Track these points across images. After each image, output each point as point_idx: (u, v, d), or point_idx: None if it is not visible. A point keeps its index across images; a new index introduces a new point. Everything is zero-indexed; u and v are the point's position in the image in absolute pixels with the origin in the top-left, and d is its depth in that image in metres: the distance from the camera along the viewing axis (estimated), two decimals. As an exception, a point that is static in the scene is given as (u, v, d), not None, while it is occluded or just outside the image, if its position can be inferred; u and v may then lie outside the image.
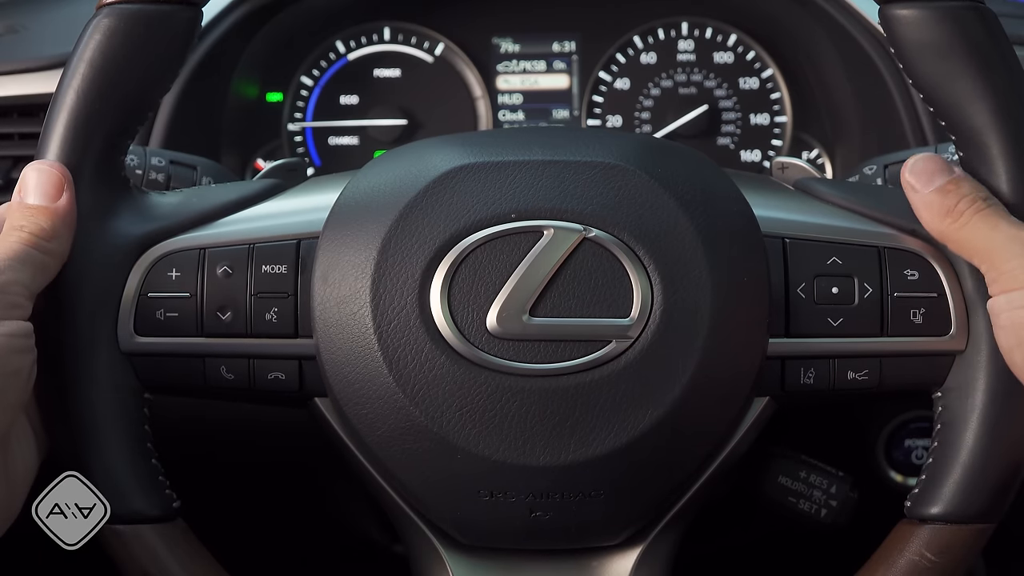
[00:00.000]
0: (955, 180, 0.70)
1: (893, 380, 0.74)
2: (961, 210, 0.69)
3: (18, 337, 0.67)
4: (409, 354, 0.69)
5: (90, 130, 0.71)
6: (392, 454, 0.71)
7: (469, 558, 0.77)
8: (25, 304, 0.67)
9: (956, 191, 0.70)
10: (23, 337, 0.67)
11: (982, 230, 0.69)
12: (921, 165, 0.71)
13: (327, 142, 1.29)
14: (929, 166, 0.71)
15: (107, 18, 0.71)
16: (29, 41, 1.20)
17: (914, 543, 0.72)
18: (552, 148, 0.73)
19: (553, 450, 0.69)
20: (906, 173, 0.72)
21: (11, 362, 0.66)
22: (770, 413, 0.75)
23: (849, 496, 0.83)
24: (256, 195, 0.78)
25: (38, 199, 0.70)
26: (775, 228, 0.74)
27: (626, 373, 0.69)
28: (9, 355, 0.66)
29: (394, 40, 1.29)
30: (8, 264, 0.67)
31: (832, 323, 0.73)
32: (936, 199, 0.70)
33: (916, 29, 0.70)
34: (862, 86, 1.18)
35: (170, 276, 0.73)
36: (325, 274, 0.71)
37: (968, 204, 0.69)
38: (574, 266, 0.69)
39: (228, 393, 0.75)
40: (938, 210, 0.70)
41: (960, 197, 0.70)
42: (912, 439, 1.09)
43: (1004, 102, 0.69)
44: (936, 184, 0.71)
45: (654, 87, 1.28)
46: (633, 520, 0.75)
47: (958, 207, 0.69)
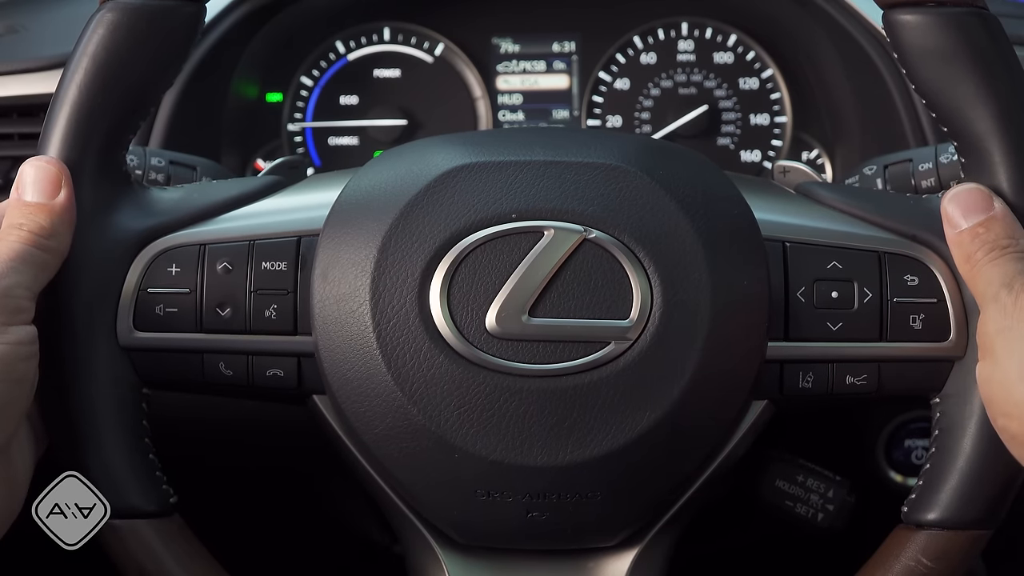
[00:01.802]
0: (987, 222, 0.69)
1: (891, 385, 0.74)
2: (977, 259, 0.69)
3: (24, 344, 0.66)
4: (408, 353, 0.69)
5: (92, 124, 0.71)
6: (390, 452, 0.71)
7: (465, 557, 0.77)
8: (29, 307, 0.67)
9: (984, 234, 0.69)
10: (29, 344, 0.67)
11: (983, 281, 0.68)
12: (962, 198, 0.70)
13: (327, 142, 1.29)
14: (967, 200, 0.70)
15: (110, 12, 0.71)
16: (29, 41, 1.20)
17: (911, 548, 0.72)
18: (553, 148, 0.73)
19: (551, 450, 0.69)
20: (946, 203, 0.71)
21: (17, 370, 0.66)
22: (768, 416, 0.75)
23: (846, 500, 0.83)
24: (257, 192, 0.78)
25: (36, 196, 0.70)
26: (775, 231, 0.74)
27: (625, 375, 0.69)
28: (16, 363, 0.66)
29: (394, 40, 1.29)
30: (10, 266, 0.67)
31: (831, 327, 0.73)
32: (964, 240, 0.70)
33: (919, 34, 0.70)
34: (862, 86, 1.18)
35: (170, 272, 0.73)
36: (325, 272, 0.71)
37: (984, 253, 0.68)
38: (574, 267, 0.69)
39: (226, 389, 0.75)
40: (960, 253, 0.70)
41: (980, 245, 0.69)
42: (912, 439, 1.09)
43: (1006, 108, 0.69)
44: (970, 222, 0.69)
45: (654, 87, 1.28)
46: (630, 521, 0.75)
47: (976, 255, 0.69)
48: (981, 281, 0.68)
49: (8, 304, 0.66)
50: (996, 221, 0.69)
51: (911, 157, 0.96)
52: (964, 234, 0.70)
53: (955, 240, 0.70)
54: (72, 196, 0.70)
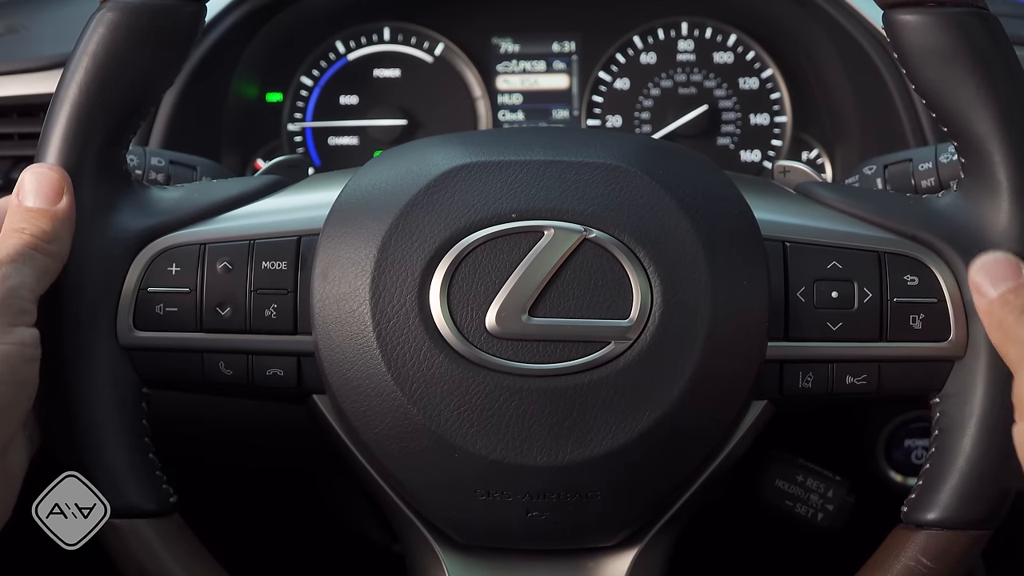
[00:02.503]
0: (1016, 288, 0.67)
1: (892, 385, 0.74)
2: (1009, 324, 0.67)
3: (28, 346, 0.67)
4: (408, 352, 0.69)
5: (92, 123, 0.71)
6: (389, 452, 0.71)
7: (465, 557, 0.77)
8: (32, 309, 0.67)
9: (1014, 301, 0.67)
10: (32, 346, 0.67)
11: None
12: (990, 267, 0.69)
13: (327, 142, 1.29)
14: (995, 269, 0.68)
15: (110, 12, 0.71)
16: (29, 41, 1.20)
17: (910, 548, 0.72)
18: (553, 148, 0.73)
19: (551, 450, 0.69)
20: (974, 273, 0.69)
21: (21, 371, 0.66)
22: (768, 416, 0.75)
23: (845, 500, 0.83)
24: (257, 191, 0.78)
25: (38, 202, 0.70)
26: (776, 231, 0.74)
27: (624, 374, 0.69)
28: (20, 364, 0.66)
29: (394, 40, 1.29)
30: (13, 267, 0.67)
31: (831, 327, 0.73)
32: (995, 309, 0.68)
33: (920, 35, 0.70)
34: (862, 86, 1.18)
35: (170, 271, 0.73)
36: (325, 271, 0.71)
37: (1015, 318, 0.67)
38: (574, 267, 0.69)
39: (226, 389, 0.75)
40: (991, 321, 0.68)
41: (1010, 311, 0.67)
42: (912, 439, 1.09)
43: (1006, 109, 0.69)
44: (999, 290, 0.68)
45: (654, 87, 1.28)
46: (630, 521, 0.75)
47: (1007, 320, 0.67)
48: (1014, 347, 0.66)
49: (12, 305, 0.66)
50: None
51: (911, 157, 0.96)
52: (994, 303, 0.68)
53: (986, 309, 0.68)
54: (73, 203, 0.70)
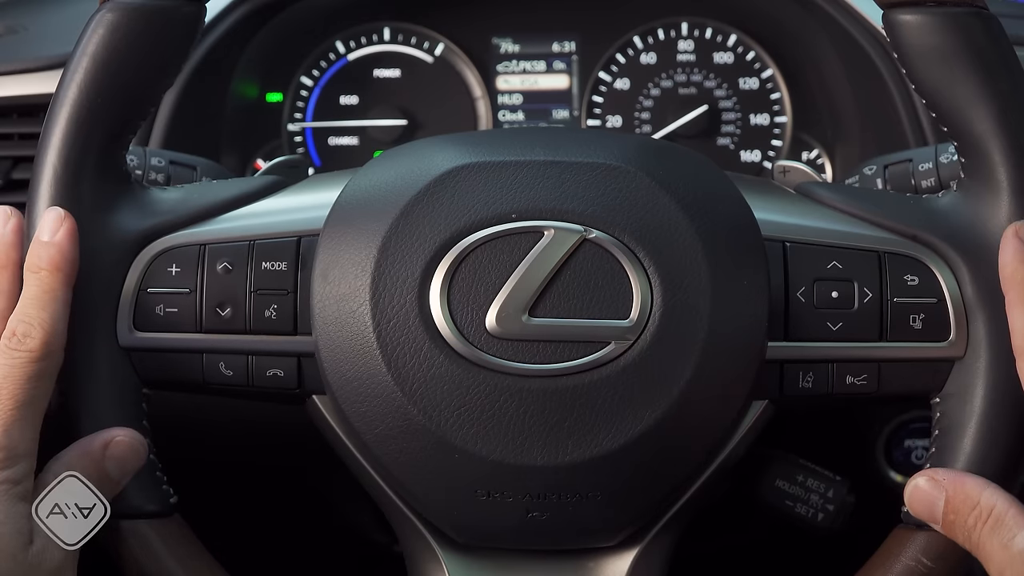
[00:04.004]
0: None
1: (892, 385, 0.74)
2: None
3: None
4: (408, 353, 0.69)
5: (92, 124, 0.71)
6: (390, 453, 0.71)
7: (465, 557, 0.77)
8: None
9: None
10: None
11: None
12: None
13: (327, 142, 1.29)
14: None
15: (110, 13, 0.71)
16: (29, 41, 1.20)
17: (910, 548, 0.72)
18: (553, 148, 0.73)
19: (551, 451, 0.69)
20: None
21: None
22: (768, 417, 0.75)
23: (846, 500, 0.83)
24: (257, 192, 0.78)
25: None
26: (775, 231, 0.74)
27: (625, 375, 0.69)
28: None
29: (394, 40, 1.29)
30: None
31: (831, 327, 0.73)
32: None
33: (919, 34, 0.70)
34: (862, 86, 1.18)
35: (170, 272, 0.73)
36: (325, 272, 0.71)
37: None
38: (574, 267, 0.69)
39: (226, 390, 0.75)
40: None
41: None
42: (912, 439, 1.09)
43: (1006, 109, 0.69)
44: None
45: (654, 87, 1.28)
46: (630, 521, 0.75)
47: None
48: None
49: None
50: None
51: (911, 157, 0.96)
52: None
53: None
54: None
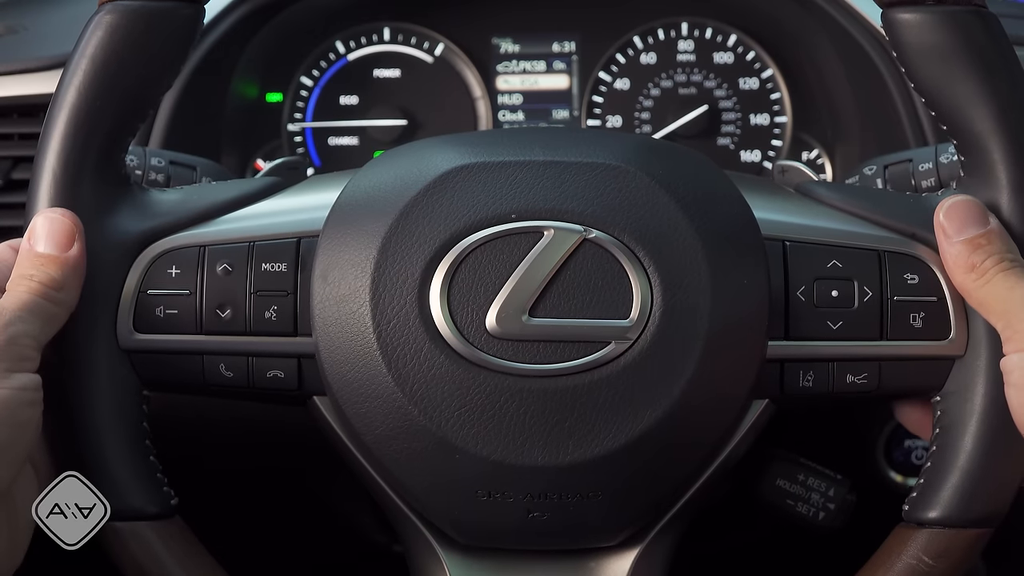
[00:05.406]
0: (987, 234, 0.70)
1: (892, 384, 0.74)
2: (986, 268, 0.69)
3: (28, 390, 0.67)
4: (408, 353, 0.69)
5: (91, 126, 0.71)
6: (390, 453, 0.71)
7: (466, 558, 0.77)
8: (34, 356, 0.67)
9: (986, 247, 0.69)
10: (32, 390, 0.67)
11: (1002, 289, 0.68)
12: (956, 211, 0.71)
13: (327, 142, 1.29)
14: (963, 213, 0.70)
15: (109, 15, 0.71)
16: (29, 41, 1.20)
17: (912, 547, 0.72)
18: (553, 148, 0.73)
19: (551, 451, 0.69)
20: (940, 215, 0.71)
21: (20, 415, 0.66)
22: (769, 416, 0.75)
23: (846, 499, 0.83)
24: (256, 193, 0.78)
25: (48, 248, 0.69)
26: (775, 231, 0.74)
27: (625, 374, 0.69)
28: (18, 408, 0.66)
29: (394, 40, 1.29)
30: (18, 315, 0.67)
31: (831, 326, 0.73)
32: (963, 251, 0.70)
33: (919, 33, 0.70)
34: (862, 86, 1.18)
35: (170, 273, 0.73)
36: (325, 272, 0.71)
37: (993, 263, 0.69)
38: (574, 267, 0.69)
39: (227, 391, 0.75)
40: (963, 263, 0.70)
41: (987, 255, 0.69)
42: (912, 439, 1.09)
43: (1006, 107, 0.70)
44: (967, 235, 0.70)
45: (654, 87, 1.28)
46: (631, 521, 0.75)
47: (983, 264, 0.69)
48: (995, 288, 0.69)
49: (13, 352, 0.66)
50: (996, 235, 0.70)
51: (911, 157, 0.96)
52: (961, 245, 0.70)
53: (952, 251, 0.70)
54: (84, 250, 0.70)
